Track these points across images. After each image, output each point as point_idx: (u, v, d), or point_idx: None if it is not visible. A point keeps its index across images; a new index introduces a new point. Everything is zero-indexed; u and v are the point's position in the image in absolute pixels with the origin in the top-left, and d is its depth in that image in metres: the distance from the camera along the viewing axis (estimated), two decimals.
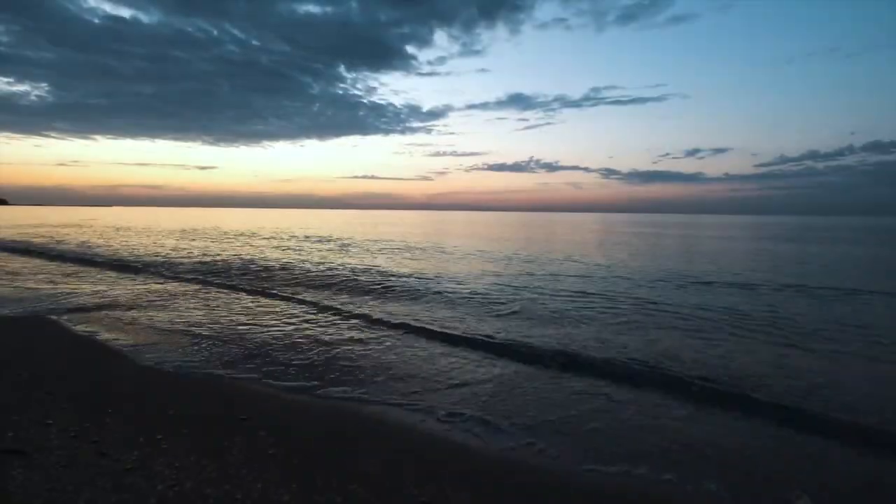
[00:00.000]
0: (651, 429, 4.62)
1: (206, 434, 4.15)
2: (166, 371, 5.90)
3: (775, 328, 8.45)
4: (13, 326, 7.90)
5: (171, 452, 3.77)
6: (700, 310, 9.90)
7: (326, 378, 5.82)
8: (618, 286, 12.85)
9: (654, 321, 8.92)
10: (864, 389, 5.61)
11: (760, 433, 4.56)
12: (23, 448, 3.65)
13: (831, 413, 4.90)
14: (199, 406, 4.80)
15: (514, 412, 4.93)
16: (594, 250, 24.77)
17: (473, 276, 14.60)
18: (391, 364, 6.42)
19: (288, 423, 4.48)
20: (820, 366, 6.48)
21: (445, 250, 23.63)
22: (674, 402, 5.26)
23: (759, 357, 6.82)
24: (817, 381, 5.82)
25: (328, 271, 15.55)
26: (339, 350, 7.00)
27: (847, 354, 6.99)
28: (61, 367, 5.80)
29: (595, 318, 9.13)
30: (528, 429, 4.56)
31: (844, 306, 10.50)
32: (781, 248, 27.51)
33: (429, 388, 5.58)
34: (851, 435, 4.48)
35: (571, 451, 4.16)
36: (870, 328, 8.48)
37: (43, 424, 4.13)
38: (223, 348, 7.00)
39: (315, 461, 3.79)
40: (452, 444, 4.26)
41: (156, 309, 9.50)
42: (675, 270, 16.32)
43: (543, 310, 9.86)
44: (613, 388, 5.62)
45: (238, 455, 3.81)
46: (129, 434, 4.06)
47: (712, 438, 4.43)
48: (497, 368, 6.33)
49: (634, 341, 7.54)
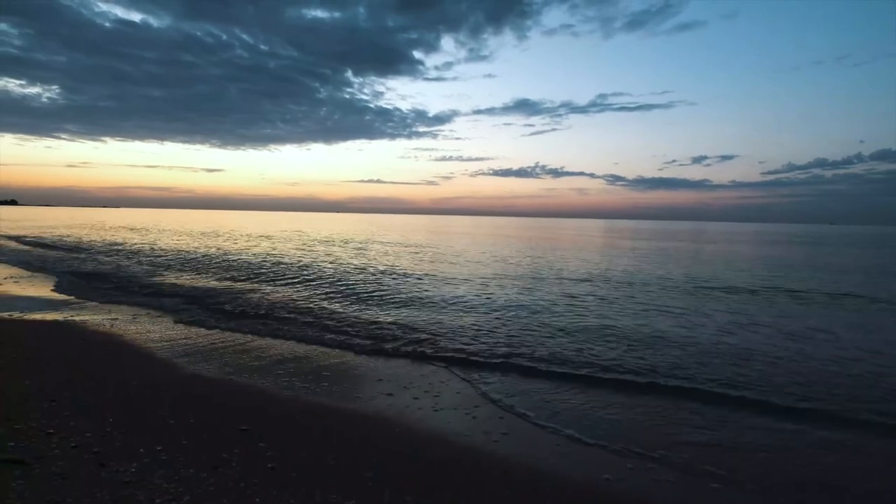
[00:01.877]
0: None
1: (206, 445, 4.14)
2: (172, 378, 5.91)
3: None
4: (26, 329, 7.94)
5: (170, 465, 3.76)
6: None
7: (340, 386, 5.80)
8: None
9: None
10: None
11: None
12: (23, 458, 3.65)
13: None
14: (201, 416, 4.79)
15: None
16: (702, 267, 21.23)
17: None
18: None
19: (289, 435, 4.46)
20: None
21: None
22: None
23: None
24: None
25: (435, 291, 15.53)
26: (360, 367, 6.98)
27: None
28: (66, 374, 5.81)
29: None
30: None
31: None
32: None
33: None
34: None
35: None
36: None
37: (45, 434, 4.13)
38: (234, 357, 7.00)
39: (315, 476, 3.76)
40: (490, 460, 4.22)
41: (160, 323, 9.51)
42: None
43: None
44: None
45: (237, 468, 3.80)
46: (130, 445, 4.05)
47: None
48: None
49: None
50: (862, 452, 4.64)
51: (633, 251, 31.66)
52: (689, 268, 21.17)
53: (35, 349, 6.77)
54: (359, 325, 9.10)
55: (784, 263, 24.53)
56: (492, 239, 43.89)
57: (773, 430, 5.05)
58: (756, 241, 51.52)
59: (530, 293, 13.27)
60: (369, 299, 11.85)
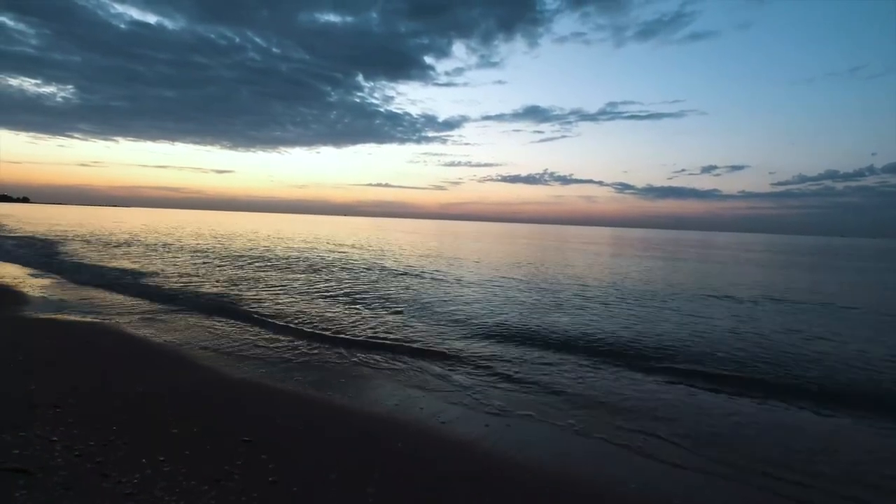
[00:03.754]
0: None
1: (208, 456, 4.12)
2: (179, 383, 5.91)
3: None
4: (42, 330, 8.01)
5: (171, 476, 3.75)
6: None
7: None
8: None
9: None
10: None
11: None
12: (27, 467, 3.66)
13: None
14: (204, 425, 4.78)
15: None
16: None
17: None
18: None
19: (293, 447, 4.44)
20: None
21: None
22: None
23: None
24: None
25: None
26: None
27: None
28: (70, 379, 5.84)
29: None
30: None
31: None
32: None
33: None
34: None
35: None
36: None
37: (48, 441, 4.14)
38: (252, 366, 7.01)
39: (316, 490, 3.74)
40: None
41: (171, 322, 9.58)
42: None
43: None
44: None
45: (239, 481, 3.78)
46: (132, 454, 4.05)
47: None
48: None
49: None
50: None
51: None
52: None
53: (47, 350, 6.82)
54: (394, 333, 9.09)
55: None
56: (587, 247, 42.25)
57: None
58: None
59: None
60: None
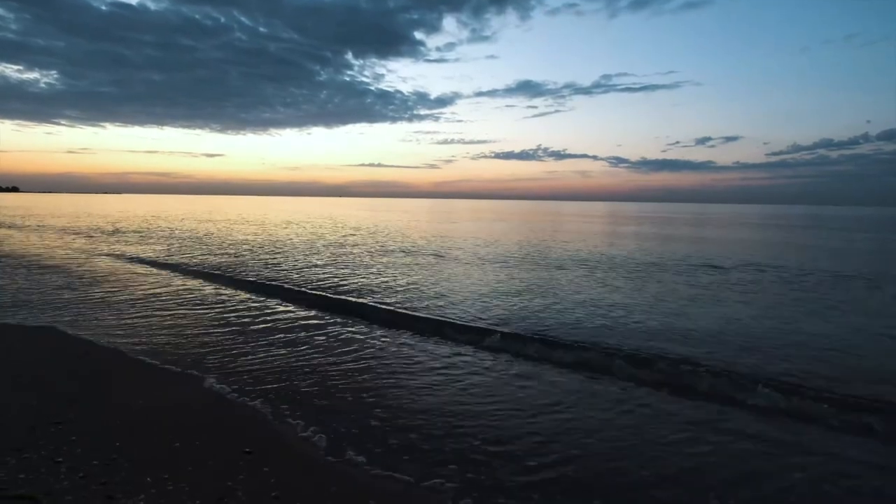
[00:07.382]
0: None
1: (211, 472, 4.21)
2: (179, 394, 5.97)
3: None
4: (31, 339, 8.03)
5: (175, 496, 3.85)
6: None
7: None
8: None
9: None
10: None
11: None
12: (34, 493, 3.75)
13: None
14: (205, 436, 4.87)
15: None
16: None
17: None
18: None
19: (296, 458, 4.54)
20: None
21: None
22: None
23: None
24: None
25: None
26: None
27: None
28: (70, 392, 5.91)
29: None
30: None
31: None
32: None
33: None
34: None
35: None
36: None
37: (53, 462, 4.23)
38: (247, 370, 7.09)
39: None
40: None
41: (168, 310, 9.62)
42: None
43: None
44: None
45: (242, 498, 3.88)
46: (136, 473, 4.14)
47: None
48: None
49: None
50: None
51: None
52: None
53: (42, 360, 6.87)
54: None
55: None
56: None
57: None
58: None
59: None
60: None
